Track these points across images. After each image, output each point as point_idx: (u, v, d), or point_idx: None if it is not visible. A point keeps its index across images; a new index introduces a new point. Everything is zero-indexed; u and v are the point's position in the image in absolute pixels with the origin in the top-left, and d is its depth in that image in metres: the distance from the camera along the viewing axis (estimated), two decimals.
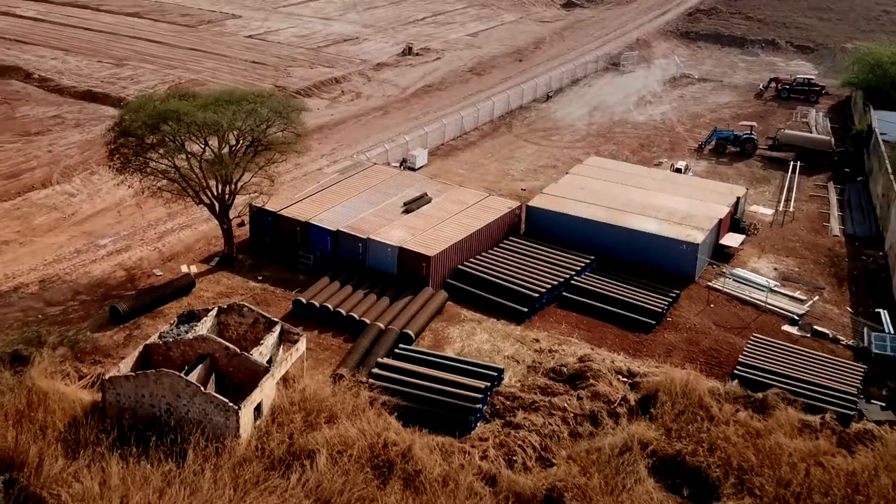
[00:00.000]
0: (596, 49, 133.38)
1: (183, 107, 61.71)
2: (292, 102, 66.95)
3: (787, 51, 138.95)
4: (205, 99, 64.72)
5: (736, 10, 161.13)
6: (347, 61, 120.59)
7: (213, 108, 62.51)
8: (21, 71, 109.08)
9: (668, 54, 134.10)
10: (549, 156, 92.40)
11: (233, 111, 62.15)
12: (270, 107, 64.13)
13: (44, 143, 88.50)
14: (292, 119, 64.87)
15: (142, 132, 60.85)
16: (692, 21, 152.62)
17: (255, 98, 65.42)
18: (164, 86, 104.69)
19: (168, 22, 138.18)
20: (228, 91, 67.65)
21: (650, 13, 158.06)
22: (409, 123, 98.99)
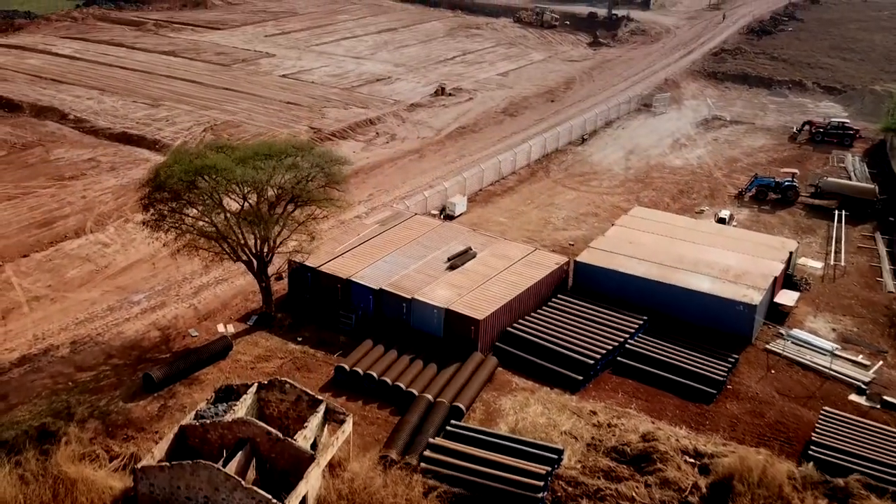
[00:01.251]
0: (626, 89, 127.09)
1: (220, 161, 55.94)
2: (334, 155, 60.79)
3: (815, 92, 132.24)
4: (243, 151, 58.82)
5: (760, 49, 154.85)
6: (381, 102, 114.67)
7: (251, 162, 56.41)
8: (57, 111, 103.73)
9: (697, 95, 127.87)
10: (589, 202, 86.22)
11: (272, 165, 56.05)
12: (311, 161, 57.99)
13: (78, 188, 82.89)
14: (334, 173, 58.73)
15: (178, 188, 54.69)
16: (718, 61, 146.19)
17: (295, 150, 59.24)
18: (200, 127, 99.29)
19: (203, 61, 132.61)
20: (267, 143, 61.73)
21: (675, 53, 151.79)
22: (446, 167, 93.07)
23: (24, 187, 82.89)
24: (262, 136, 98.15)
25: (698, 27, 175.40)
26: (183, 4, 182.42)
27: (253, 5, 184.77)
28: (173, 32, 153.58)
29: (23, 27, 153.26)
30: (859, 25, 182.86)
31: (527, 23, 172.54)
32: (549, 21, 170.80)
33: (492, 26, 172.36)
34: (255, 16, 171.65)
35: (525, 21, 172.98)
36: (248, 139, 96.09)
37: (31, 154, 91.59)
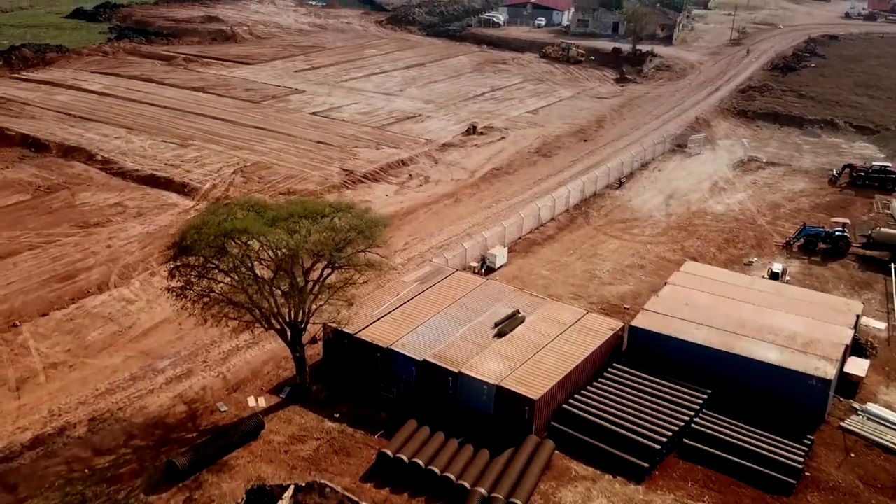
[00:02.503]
0: (658, 128, 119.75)
1: (252, 224, 48.39)
2: (374, 217, 53.05)
3: (847, 131, 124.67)
4: (276, 211, 51.24)
5: (786, 86, 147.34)
6: (413, 141, 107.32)
7: (284, 224, 48.95)
8: (84, 152, 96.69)
9: (730, 135, 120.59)
10: (633, 252, 78.61)
11: (307, 230, 48.57)
12: (350, 224, 50.38)
13: (103, 237, 75.76)
14: (375, 237, 51.09)
15: (206, 254, 47.22)
16: (747, 99, 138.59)
17: (332, 210, 51.64)
18: (229, 169, 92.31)
19: (232, 97, 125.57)
20: (302, 202, 54.08)
21: (703, 90, 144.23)
22: (482, 212, 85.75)
23: (47, 235, 75.70)
24: (293, 178, 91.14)
25: (722, 63, 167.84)
26: (213, 38, 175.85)
27: (282, 39, 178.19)
28: (203, 67, 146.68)
29: (54, 61, 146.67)
30: (880, 62, 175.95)
31: (553, 58, 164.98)
32: (575, 57, 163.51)
33: (518, 61, 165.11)
34: (284, 50, 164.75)
35: (551, 56, 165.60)
36: (278, 181, 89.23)
37: (56, 198, 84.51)
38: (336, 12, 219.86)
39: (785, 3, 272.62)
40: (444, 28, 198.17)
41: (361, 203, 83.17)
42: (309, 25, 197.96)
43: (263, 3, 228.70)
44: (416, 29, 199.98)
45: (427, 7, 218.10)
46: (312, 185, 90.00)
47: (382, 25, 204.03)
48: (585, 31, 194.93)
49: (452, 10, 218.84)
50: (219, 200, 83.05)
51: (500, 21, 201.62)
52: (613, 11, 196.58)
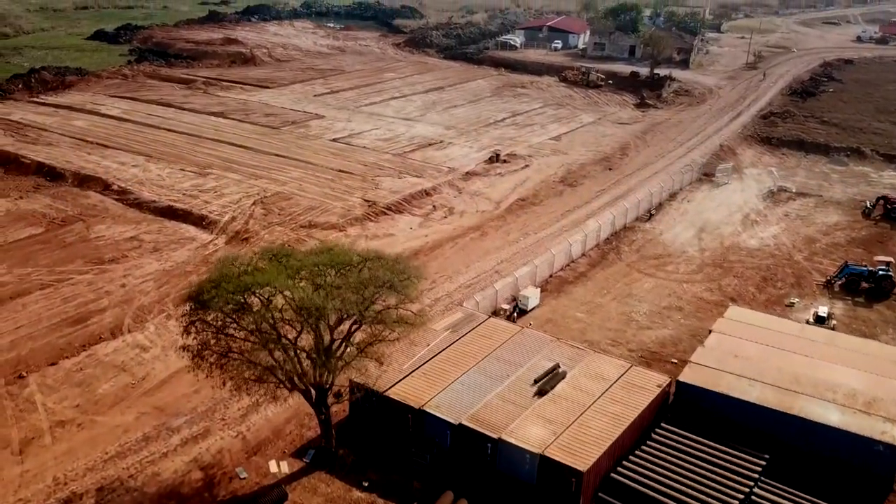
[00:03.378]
0: (683, 156, 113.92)
1: (275, 278, 42.40)
2: (406, 268, 47.06)
3: (875, 160, 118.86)
4: (301, 261, 45.30)
5: (808, 112, 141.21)
6: (435, 169, 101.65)
7: (309, 276, 43.17)
8: (100, 181, 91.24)
9: (756, 163, 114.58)
10: (669, 292, 72.70)
11: (334, 284, 42.74)
12: (381, 278, 44.47)
13: (118, 274, 70.16)
14: (408, 292, 45.23)
15: (225, 311, 41.46)
16: (769, 125, 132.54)
17: (361, 261, 45.74)
18: (249, 200, 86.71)
19: (252, 122, 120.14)
20: (328, 252, 47.81)
21: (724, 115, 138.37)
22: (510, 247, 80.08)
23: (59, 273, 70.11)
24: (315, 209, 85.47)
25: (740, 87, 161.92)
26: (232, 61, 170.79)
27: (301, 62, 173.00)
28: (222, 91, 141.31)
29: (73, 84, 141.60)
30: None
31: (572, 82, 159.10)
32: (595, 81, 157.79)
33: (537, 85, 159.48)
34: (303, 73, 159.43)
35: (571, 80, 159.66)
36: (299, 213, 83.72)
37: (70, 231, 79.02)
38: (354, 34, 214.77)
39: (796, 26, 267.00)
40: (462, 51, 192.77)
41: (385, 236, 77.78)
42: (328, 48, 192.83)
43: (282, 25, 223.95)
44: (434, 52, 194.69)
45: (444, 30, 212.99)
46: (334, 218, 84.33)
47: (400, 48, 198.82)
48: (602, 54, 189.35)
49: (469, 32, 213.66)
50: (238, 234, 77.56)
51: (516, 44, 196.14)
52: (630, 35, 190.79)
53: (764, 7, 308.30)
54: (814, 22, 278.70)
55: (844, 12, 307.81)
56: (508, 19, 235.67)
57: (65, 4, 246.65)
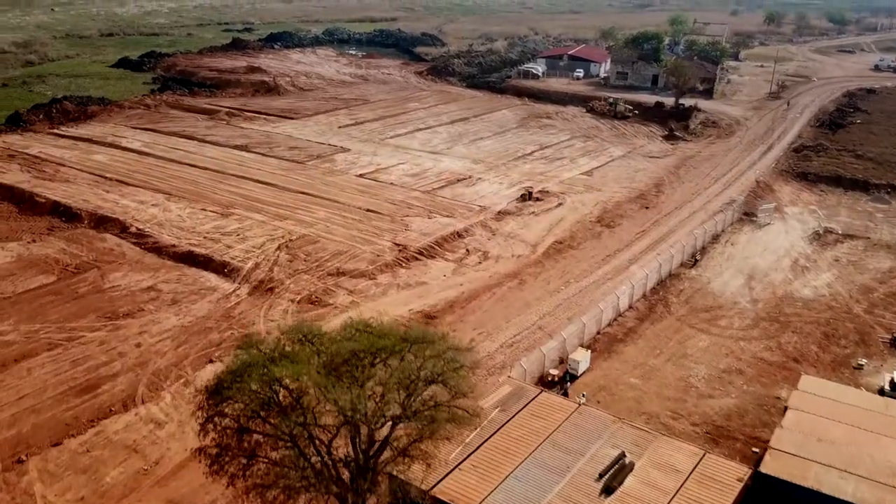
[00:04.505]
0: (719, 193, 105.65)
1: (308, 372, 34.15)
2: (457, 356, 38.60)
3: None
4: (336, 348, 37.02)
5: (840, 145, 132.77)
6: (466, 208, 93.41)
7: (345, 369, 35.07)
8: (117, 223, 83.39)
9: (795, 200, 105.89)
10: (726, 351, 64.38)
11: (375, 381, 34.67)
12: (431, 370, 36.19)
13: (132, 331, 61.99)
14: (459, 386, 36.94)
15: (251, 406, 33.32)
16: (803, 159, 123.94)
17: (404, 347, 37.43)
18: (273, 244, 78.61)
19: (276, 157, 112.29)
20: (366, 336, 39.32)
21: (755, 149, 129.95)
22: (551, 298, 72.00)
23: (69, 330, 61.99)
24: (343, 254, 77.29)
25: (767, 119, 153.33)
26: (255, 90, 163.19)
27: (324, 91, 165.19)
28: (245, 122, 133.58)
29: (95, 115, 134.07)
30: None
31: (599, 113, 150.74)
32: (623, 112, 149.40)
33: (562, 116, 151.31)
34: (327, 103, 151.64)
35: (598, 111, 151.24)
36: (326, 259, 75.52)
37: (83, 280, 71.09)
38: (376, 62, 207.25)
39: (811, 54, 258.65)
40: (484, 79, 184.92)
41: (417, 284, 69.67)
42: (350, 76, 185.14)
43: (305, 53, 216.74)
44: (457, 80, 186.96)
45: (465, 58, 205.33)
46: (364, 264, 76.17)
47: (423, 76, 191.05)
48: (625, 83, 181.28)
49: (490, 60, 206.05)
50: (262, 284, 69.36)
51: (539, 73, 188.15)
52: (652, 64, 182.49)
53: (777, 35, 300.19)
54: (828, 50, 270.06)
55: (857, 40, 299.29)
56: (528, 47, 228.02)
57: (90, 31, 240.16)
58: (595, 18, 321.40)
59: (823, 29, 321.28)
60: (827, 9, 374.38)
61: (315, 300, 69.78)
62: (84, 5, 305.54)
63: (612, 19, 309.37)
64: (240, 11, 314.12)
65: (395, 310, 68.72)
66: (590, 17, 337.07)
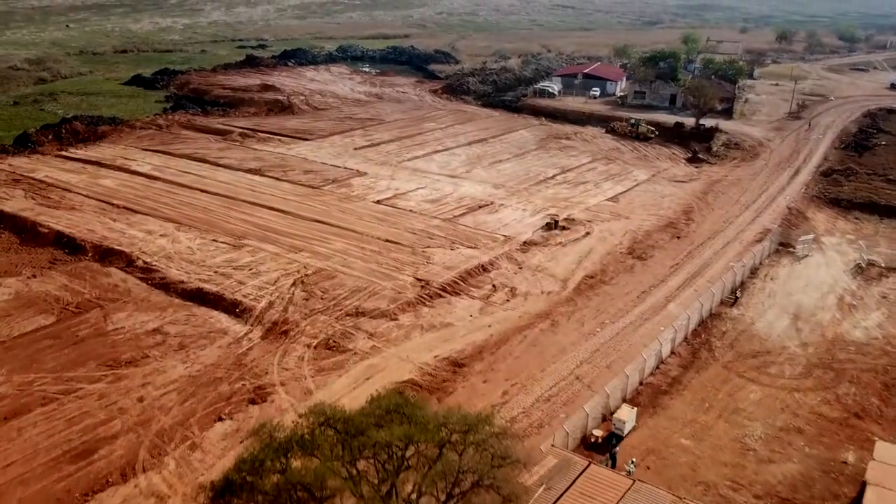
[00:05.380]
0: (752, 221, 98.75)
1: (331, 474, 27.48)
2: (500, 447, 31.74)
3: None
4: (364, 440, 29.99)
5: (869, 169, 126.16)
6: (489, 238, 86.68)
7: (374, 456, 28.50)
8: (123, 256, 76.73)
9: (831, 230, 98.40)
10: (781, 405, 57.87)
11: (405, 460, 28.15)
12: (475, 471, 29.29)
13: (135, 382, 55.42)
14: (510, 489, 30.10)
15: None
16: (832, 184, 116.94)
17: (444, 436, 30.55)
18: (288, 279, 71.97)
19: (290, 181, 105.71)
20: (400, 424, 32.51)
21: (782, 172, 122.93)
22: (587, 342, 65.46)
23: (66, 381, 55.37)
24: (362, 291, 70.52)
25: (790, 140, 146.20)
26: (269, 109, 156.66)
27: (339, 111, 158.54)
28: (259, 144, 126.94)
29: (106, 135, 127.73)
30: None
31: (620, 134, 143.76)
32: (646, 133, 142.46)
33: (581, 136, 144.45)
34: (342, 123, 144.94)
35: (619, 132, 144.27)
36: (344, 297, 68.73)
37: (84, 322, 64.38)
38: (391, 80, 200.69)
39: (824, 72, 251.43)
40: (500, 98, 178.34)
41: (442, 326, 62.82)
42: (365, 95, 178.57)
43: (319, 70, 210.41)
44: (472, 99, 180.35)
45: (479, 76, 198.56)
46: (384, 303, 69.37)
47: (438, 95, 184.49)
48: (642, 102, 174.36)
49: (504, 78, 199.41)
50: (276, 326, 62.53)
51: (555, 91, 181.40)
52: (670, 83, 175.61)
53: (788, 53, 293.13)
54: (841, 68, 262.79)
55: (868, 58, 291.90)
56: (542, 65, 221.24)
57: (104, 48, 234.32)
58: (606, 35, 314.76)
59: (834, 47, 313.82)
60: (836, 26, 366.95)
61: (333, 345, 62.99)
62: (99, 21, 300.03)
63: (623, 36, 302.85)
64: (253, 28, 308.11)
65: (420, 356, 61.96)
66: (601, 34, 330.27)
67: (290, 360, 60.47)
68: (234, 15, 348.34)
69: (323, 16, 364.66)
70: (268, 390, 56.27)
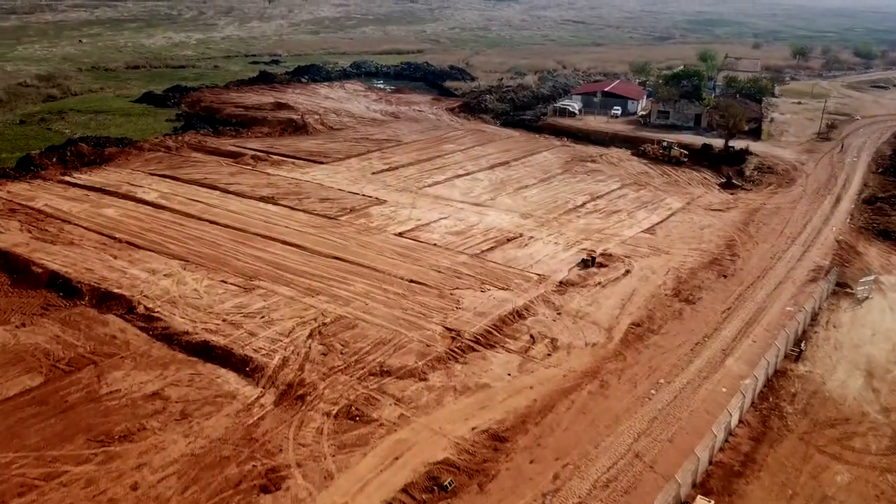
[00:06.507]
0: (800, 257, 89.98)
1: None
2: None
3: None
4: None
5: None
6: (522, 277, 77.98)
7: None
8: (123, 301, 67.81)
9: (887, 266, 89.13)
10: (875, 490, 50.28)
11: None
12: None
13: (129, 463, 46.78)
14: None
15: None
16: (879, 213, 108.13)
17: None
18: (304, 329, 63.67)
19: (306, 210, 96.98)
20: None
21: (823, 200, 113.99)
22: (643, 410, 57.02)
23: (50, 461, 46.55)
24: (386, 344, 61.76)
25: (824, 163, 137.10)
26: (283, 128, 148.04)
27: (355, 131, 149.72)
28: (272, 168, 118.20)
29: (112, 158, 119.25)
30: None
31: (651, 158, 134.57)
32: (678, 157, 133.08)
33: (607, 159, 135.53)
34: (358, 144, 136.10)
35: (650, 155, 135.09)
36: (367, 352, 60.25)
37: (76, 383, 55.76)
38: (406, 98, 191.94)
39: (844, 89, 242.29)
40: (519, 117, 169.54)
41: (478, 388, 54.13)
42: (381, 113, 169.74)
43: (333, 87, 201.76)
44: (490, 118, 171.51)
45: (497, 93, 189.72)
46: (412, 359, 60.59)
47: (455, 113, 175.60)
48: (666, 122, 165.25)
49: (522, 96, 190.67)
50: (291, 389, 53.79)
51: (575, 110, 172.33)
52: (695, 103, 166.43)
53: (806, 70, 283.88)
54: (861, 85, 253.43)
55: (886, 75, 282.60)
56: (559, 82, 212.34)
57: (116, 63, 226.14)
58: (619, 51, 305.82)
59: (851, 63, 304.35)
60: (852, 42, 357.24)
61: (356, 413, 54.05)
62: (112, 36, 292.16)
63: (636, 52, 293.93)
64: (267, 43, 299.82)
65: (455, 427, 53.00)
66: (613, 49, 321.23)
67: (307, 434, 51.53)
68: (248, 30, 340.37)
69: (336, 30, 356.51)
70: (282, 473, 47.35)
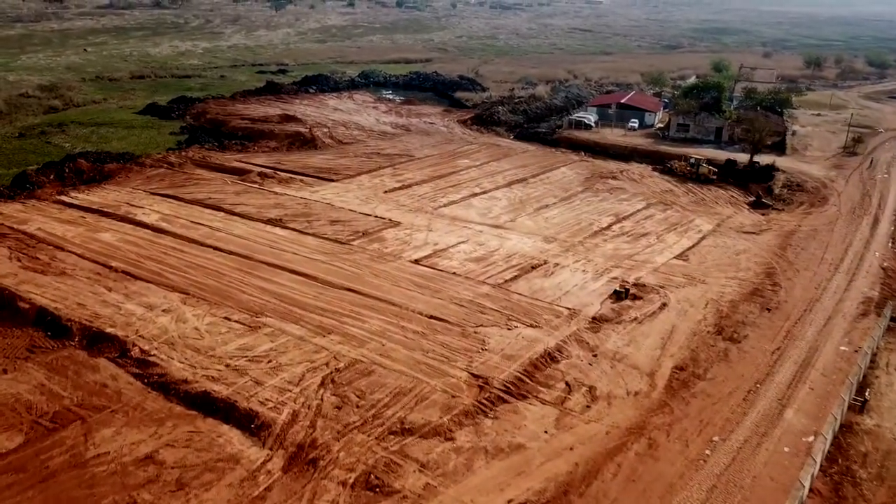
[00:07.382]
0: (846, 286, 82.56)
1: None
2: None
3: None
4: None
5: None
6: (551, 312, 70.81)
7: None
8: (116, 342, 60.40)
9: None
10: None
11: None
12: None
13: None
14: None
15: None
16: None
17: None
18: (316, 377, 56.06)
19: (315, 234, 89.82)
20: None
21: (860, 221, 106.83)
22: (698, 475, 49.79)
23: None
24: (406, 394, 54.54)
25: (854, 180, 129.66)
26: (291, 142, 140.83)
27: (365, 145, 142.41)
28: (280, 186, 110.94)
29: (112, 175, 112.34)
30: None
31: (679, 176, 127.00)
32: (707, 175, 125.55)
33: (629, 175, 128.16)
34: (369, 160, 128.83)
35: (678, 173, 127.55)
36: (385, 404, 53.37)
37: (59, 444, 48.63)
38: (417, 109, 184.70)
39: (862, 100, 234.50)
40: (534, 130, 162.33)
41: (512, 450, 46.72)
42: (391, 126, 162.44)
43: (341, 98, 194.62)
44: (503, 130, 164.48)
45: (509, 105, 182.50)
46: (436, 413, 53.34)
47: (467, 126, 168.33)
48: (686, 136, 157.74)
49: (535, 108, 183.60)
50: (301, 451, 46.36)
51: (591, 123, 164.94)
52: (716, 116, 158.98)
53: (820, 79, 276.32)
54: (878, 96, 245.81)
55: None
56: (572, 92, 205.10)
57: (121, 73, 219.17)
58: (629, 60, 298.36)
59: (865, 73, 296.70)
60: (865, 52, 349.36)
61: (375, 483, 46.77)
62: (117, 45, 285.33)
63: (647, 61, 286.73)
64: (274, 52, 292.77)
65: (489, 500, 45.87)
66: (623, 58, 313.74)
67: None
68: (255, 38, 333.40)
69: (343, 39, 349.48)
70: None
